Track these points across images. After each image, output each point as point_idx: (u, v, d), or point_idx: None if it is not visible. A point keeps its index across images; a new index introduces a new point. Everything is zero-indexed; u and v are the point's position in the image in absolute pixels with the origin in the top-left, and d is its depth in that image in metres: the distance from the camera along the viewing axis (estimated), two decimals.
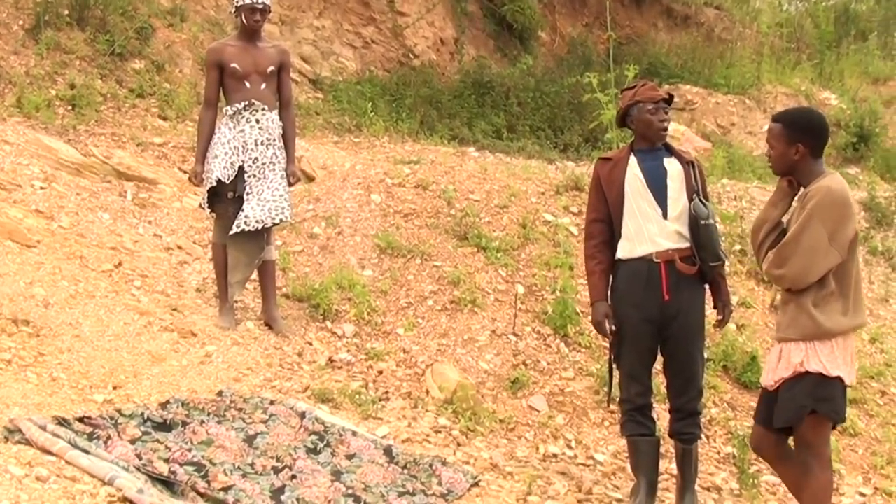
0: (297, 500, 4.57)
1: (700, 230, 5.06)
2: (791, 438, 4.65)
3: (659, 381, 5.74)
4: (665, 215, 5.07)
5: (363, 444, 5.25)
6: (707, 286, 5.24)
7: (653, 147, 5.21)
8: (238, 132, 6.38)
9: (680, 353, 5.12)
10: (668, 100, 5.25)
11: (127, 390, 5.31)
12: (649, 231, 5.06)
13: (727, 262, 5.62)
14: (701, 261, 5.07)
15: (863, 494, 6.12)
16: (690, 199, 5.10)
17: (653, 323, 5.07)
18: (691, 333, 5.14)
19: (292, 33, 11.88)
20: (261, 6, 6.37)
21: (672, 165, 5.18)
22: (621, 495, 5.46)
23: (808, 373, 4.43)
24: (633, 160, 5.16)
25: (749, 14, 16.68)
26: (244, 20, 6.41)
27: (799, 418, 4.48)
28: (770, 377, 4.59)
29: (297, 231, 7.53)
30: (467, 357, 6.52)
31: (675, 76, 14.05)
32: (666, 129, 5.23)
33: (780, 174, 4.68)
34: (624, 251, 5.13)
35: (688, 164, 5.21)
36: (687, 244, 5.07)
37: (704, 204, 5.11)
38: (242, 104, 6.39)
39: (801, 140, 4.51)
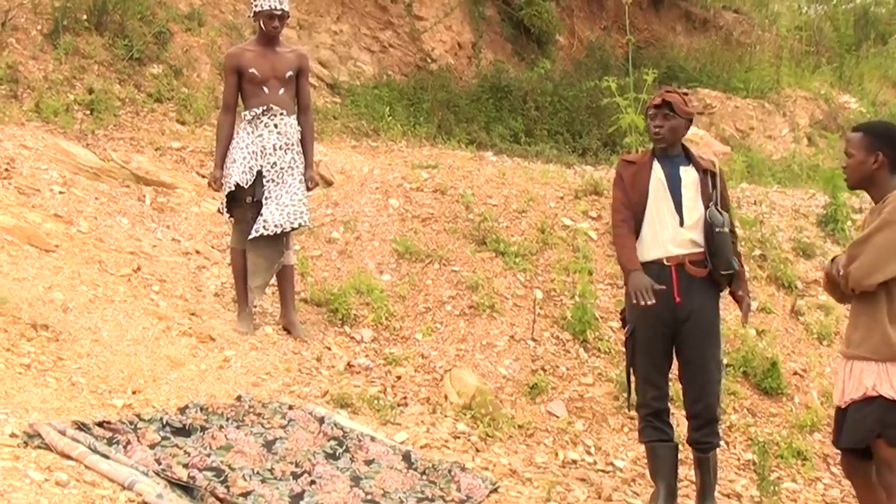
0: None
1: (714, 238, 5.06)
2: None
3: (678, 388, 5.71)
4: (682, 223, 5.08)
5: (382, 450, 5.23)
6: (727, 289, 5.23)
7: (671, 153, 5.21)
8: (256, 137, 6.38)
9: (693, 357, 5.11)
10: (662, 105, 5.16)
11: (146, 395, 5.31)
12: (663, 237, 5.07)
13: (745, 269, 5.60)
14: (713, 267, 5.07)
15: None
16: (707, 208, 5.09)
17: (665, 325, 5.06)
18: (704, 336, 5.11)
19: (310, 38, 11.89)
20: (279, 13, 6.36)
21: (687, 175, 5.18)
22: (641, 502, 5.43)
23: (879, 396, 4.32)
24: (656, 165, 5.18)
25: (768, 17, 16.63)
26: (262, 26, 6.41)
27: (865, 441, 4.38)
28: (841, 397, 4.48)
29: (316, 236, 7.53)
30: (486, 362, 6.50)
31: (693, 80, 14.00)
32: (657, 133, 5.18)
33: (854, 186, 4.61)
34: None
35: (704, 171, 5.21)
36: (699, 249, 5.08)
37: (720, 212, 5.10)
38: (261, 109, 6.39)
39: (882, 150, 4.42)
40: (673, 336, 5.10)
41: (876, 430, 4.34)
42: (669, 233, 5.07)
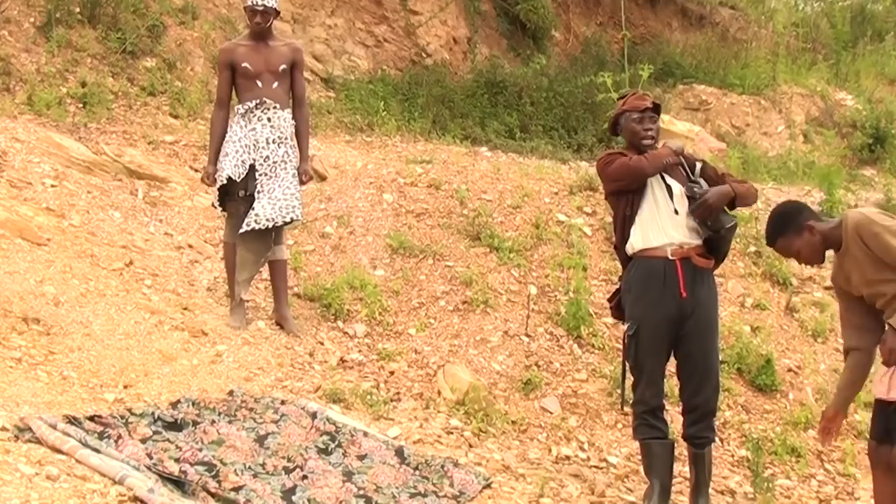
0: (309, 500, 4.54)
1: (697, 199, 5.07)
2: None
3: (672, 384, 5.70)
4: (675, 211, 5.10)
5: (374, 445, 5.21)
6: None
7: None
8: (250, 130, 6.35)
9: (695, 351, 5.10)
10: (656, 109, 5.27)
11: (137, 389, 5.29)
12: (662, 221, 5.09)
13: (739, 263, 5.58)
14: (709, 238, 5.09)
15: None
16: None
17: (671, 322, 5.05)
18: (706, 330, 5.12)
19: (304, 32, 11.85)
20: (260, 8, 6.34)
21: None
22: (634, 498, 5.41)
23: None
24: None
25: (764, 14, 16.58)
26: (248, 21, 6.44)
27: None
28: (886, 392, 4.51)
29: (309, 230, 7.50)
30: (479, 358, 6.48)
31: (689, 76, 13.98)
32: (652, 137, 5.24)
33: (820, 261, 4.71)
34: (637, 241, 5.14)
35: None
36: (699, 240, 5.07)
37: (695, 182, 5.12)
38: (254, 102, 6.36)
39: (799, 223, 4.57)
40: (676, 331, 5.09)
41: None
42: (667, 217, 5.09)
